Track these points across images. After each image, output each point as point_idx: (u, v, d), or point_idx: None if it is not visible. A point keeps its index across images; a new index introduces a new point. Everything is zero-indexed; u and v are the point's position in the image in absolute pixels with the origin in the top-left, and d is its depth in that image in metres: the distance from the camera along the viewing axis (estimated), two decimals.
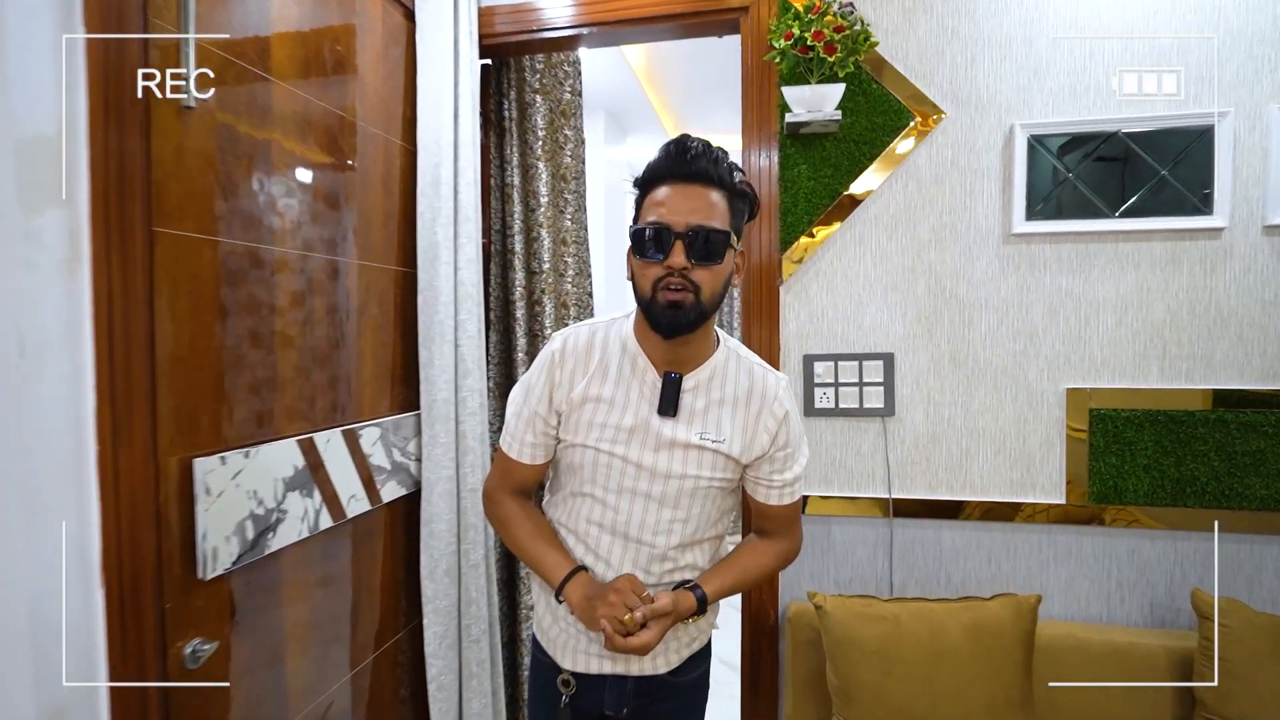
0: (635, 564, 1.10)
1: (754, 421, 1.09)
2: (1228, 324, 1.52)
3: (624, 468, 1.07)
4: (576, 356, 1.11)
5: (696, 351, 1.09)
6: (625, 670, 1.13)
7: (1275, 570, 1.52)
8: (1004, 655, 1.34)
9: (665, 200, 1.00)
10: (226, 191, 1.17)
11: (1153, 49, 1.52)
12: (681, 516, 1.09)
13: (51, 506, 0.89)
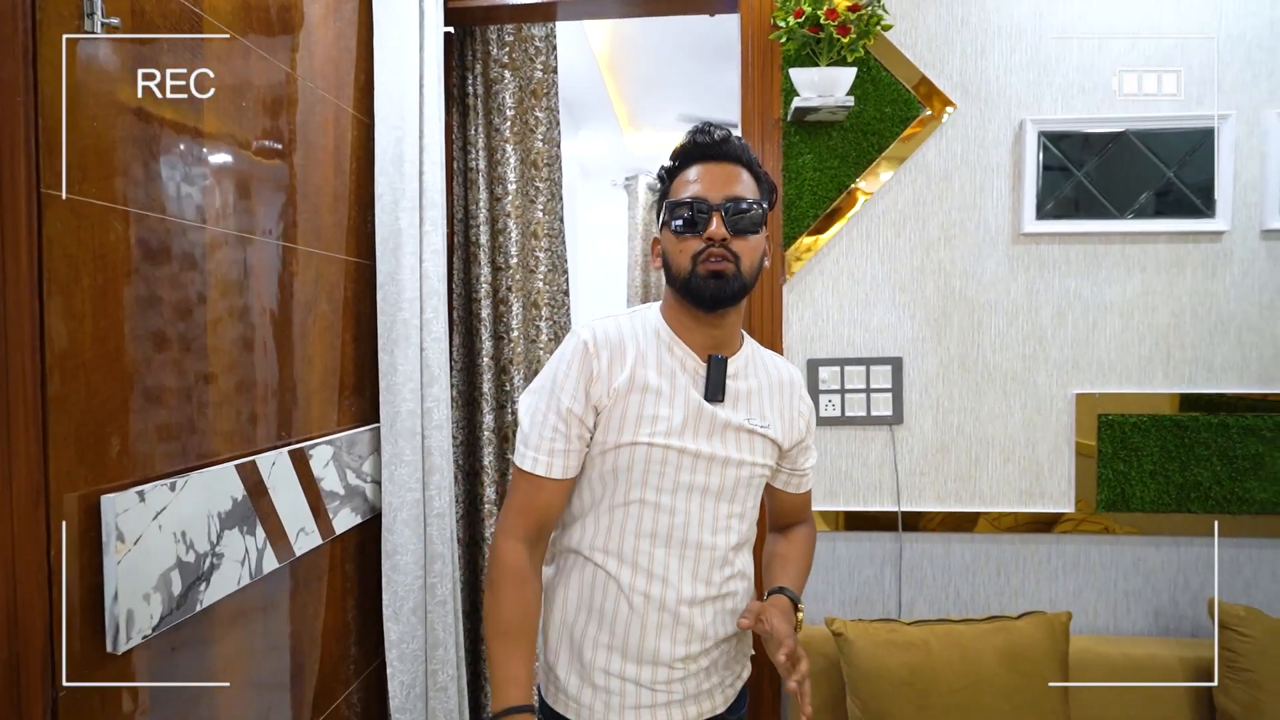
0: (696, 575, 0.96)
1: (790, 408, 1.05)
2: (1228, 328, 1.51)
3: (679, 460, 0.96)
4: (610, 347, 0.98)
5: (732, 335, 1.02)
6: (694, 714, 0.98)
7: (1272, 573, 1.53)
8: (1041, 681, 1.25)
9: (699, 178, 0.97)
10: (142, 150, 0.91)
11: (1157, 49, 1.50)
12: (738, 511, 1.00)
13: None
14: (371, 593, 1.53)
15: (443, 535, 1.54)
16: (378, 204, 1.48)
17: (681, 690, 0.97)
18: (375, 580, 1.54)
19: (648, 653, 0.95)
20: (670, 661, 0.95)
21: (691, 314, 0.98)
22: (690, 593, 0.95)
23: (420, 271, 1.50)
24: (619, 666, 0.95)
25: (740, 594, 1.01)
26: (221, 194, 1.06)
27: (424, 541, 1.52)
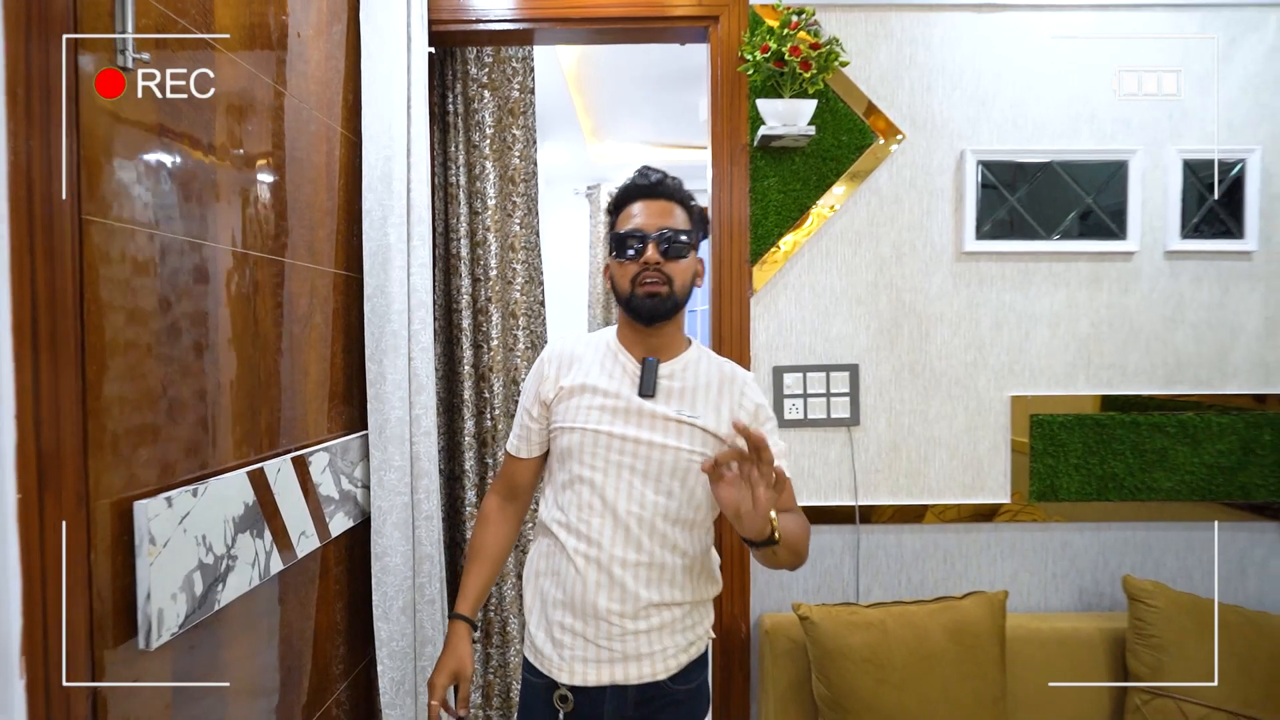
0: (626, 541, 1.13)
1: (727, 403, 1.20)
2: (1138, 337, 1.71)
3: (610, 442, 1.15)
4: (560, 359, 1.25)
5: (670, 343, 1.22)
6: (625, 679, 1.13)
7: (1175, 553, 1.73)
8: (983, 653, 1.41)
9: (639, 213, 1.18)
10: (169, 173, 0.96)
11: (1079, 91, 1.68)
12: (664, 490, 1.15)
13: None
14: (360, 594, 1.58)
15: (431, 537, 1.61)
16: (366, 219, 1.54)
17: (621, 649, 1.13)
18: (363, 582, 1.59)
19: (589, 607, 1.12)
20: (607, 616, 1.12)
21: (634, 327, 1.20)
22: (621, 555, 1.13)
23: (408, 285, 1.57)
24: (570, 622, 1.14)
25: (677, 567, 1.15)
26: (229, 213, 1.12)
27: (413, 543, 1.58)
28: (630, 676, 1.13)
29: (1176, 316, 1.71)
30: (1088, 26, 1.67)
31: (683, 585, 1.16)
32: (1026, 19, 1.68)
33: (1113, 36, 1.67)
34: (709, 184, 1.74)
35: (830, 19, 1.66)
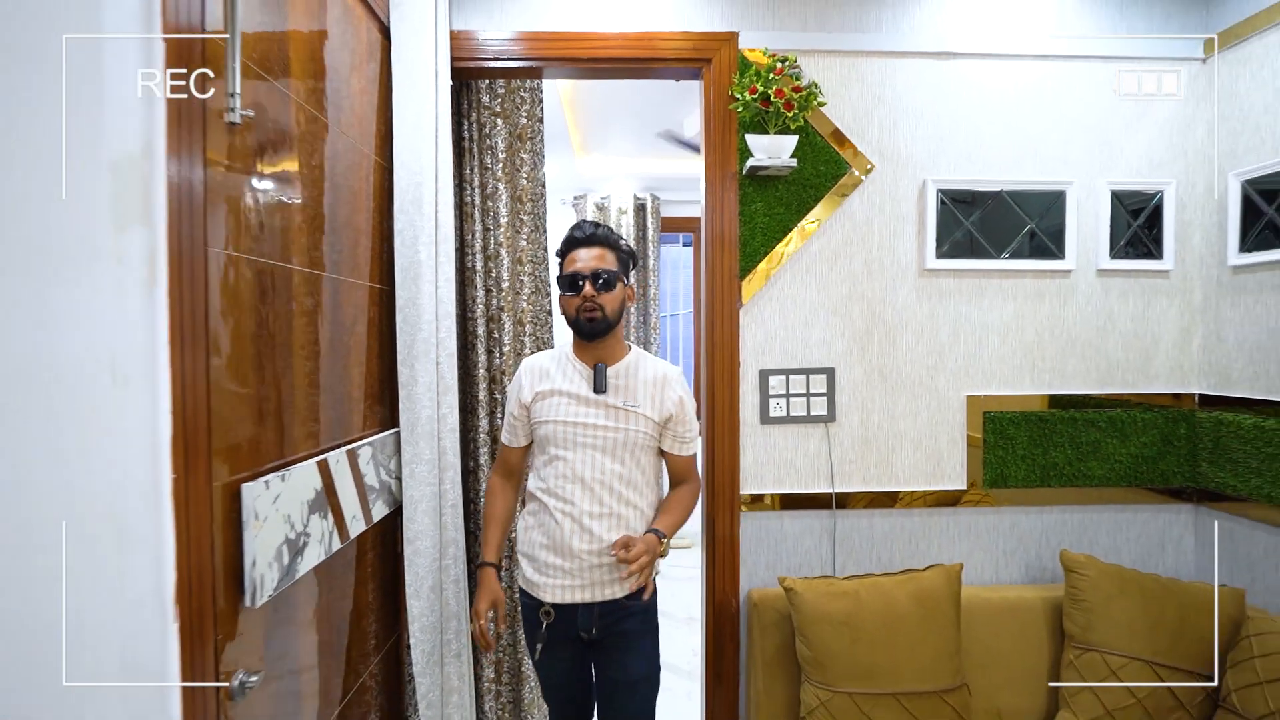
0: (592, 499, 1.50)
1: (660, 394, 1.57)
2: (1074, 344, 1.96)
3: (575, 429, 1.53)
4: (532, 371, 1.62)
5: (612, 352, 1.58)
6: (591, 599, 1.51)
7: (1106, 531, 1.99)
8: (942, 616, 1.63)
9: (578, 258, 1.55)
10: (258, 208, 1.14)
11: (1024, 129, 1.93)
12: (618, 459, 1.53)
13: (138, 539, 0.85)
14: (389, 576, 1.76)
15: (455, 523, 1.79)
16: (398, 238, 1.71)
17: (590, 579, 1.50)
18: (391, 565, 1.77)
19: (567, 548, 1.49)
20: (581, 554, 1.49)
21: (580, 343, 1.58)
22: (589, 509, 1.50)
23: (436, 297, 1.74)
24: (553, 560, 1.51)
25: (631, 517, 1.52)
26: (300, 236, 1.29)
27: (439, 529, 1.76)
28: (595, 597, 1.51)
29: (1107, 326, 1.97)
30: (1029, 75, 1.92)
31: (635, 529, 1.52)
32: (978, 66, 1.92)
33: (1049, 84, 1.92)
34: (702, 207, 1.95)
35: (809, 63, 1.89)
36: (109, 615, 0.82)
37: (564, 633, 1.53)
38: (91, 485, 0.81)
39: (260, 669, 1.11)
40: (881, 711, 1.56)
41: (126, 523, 0.84)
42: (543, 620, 1.52)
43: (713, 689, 1.94)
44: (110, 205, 0.82)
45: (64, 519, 0.79)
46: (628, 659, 1.54)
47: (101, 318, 0.81)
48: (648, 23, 1.90)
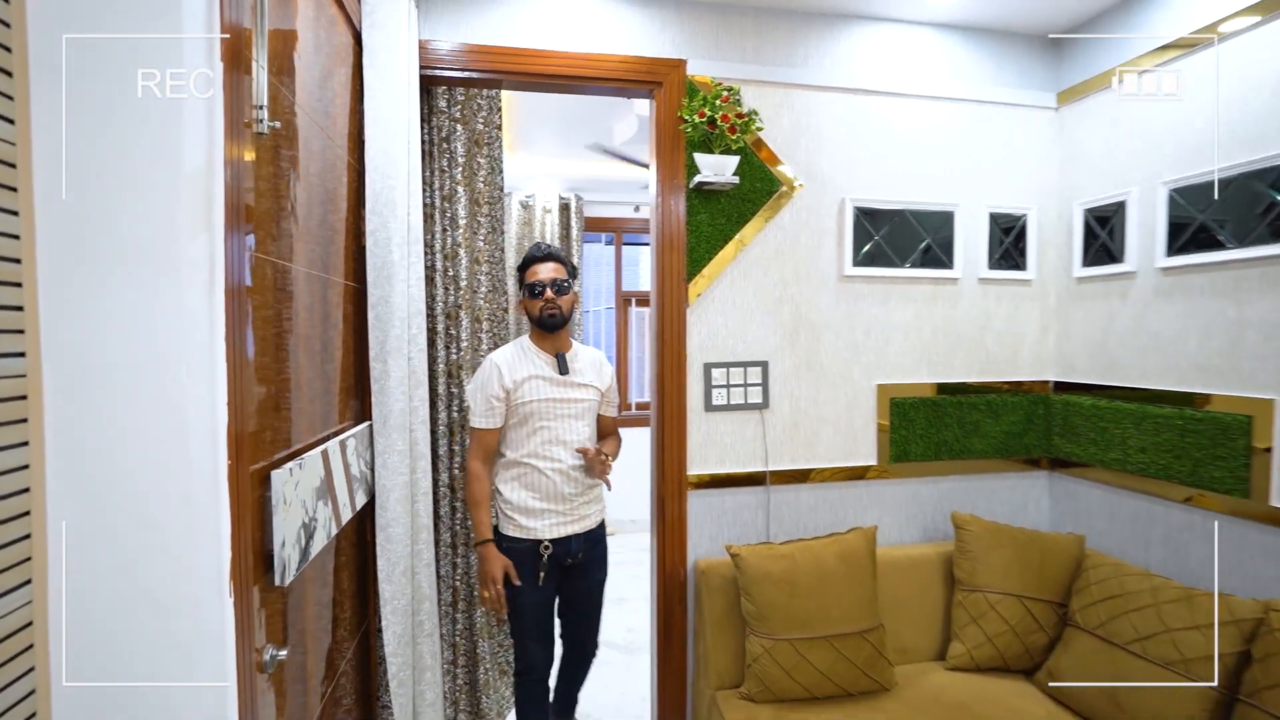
0: (571, 455, 1.93)
1: (600, 371, 2.04)
2: (961, 341, 2.33)
3: (552, 405, 1.94)
4: (503, 364, 1.94)
5: (564, 343, 2.00)
6: (578, 530, 1.95)
7: (985, 494, 2.38)
8: (862, 571, 1.93)
9: (538, 271, 1.96)
10: (277, 213, 1.21)
11: (920, 160, 2.27)
12: (585, 423, 1.99)
13: (204, 520, 0.93)
14: (360, 564, 1.83)
15: (427, 510, 1.88)
16: (370, 238, 1.78)
17: (573, 515, 1.94)
18: (363, 553, 1.84)
19: (558, 494, 1.92)
20: (571, 498, 1.93)
21: (541, 335, 1.97)
22: (572, 463, 1.93)
23: (408, 295, 1.83)
24: (548, 506, 1.91)
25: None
26: (300, 236, 1.36)
27: (411, 515, 1.85)
28: (581, 529, 1.96)
29: (986, 325, 2.35)
30: (927, 113, 2.26)
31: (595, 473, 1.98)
32: (886, 103, 2.23)
33: (942, 121, 2.28)
34: (652, 218, 2.14)
35: (748, 91, 2.12)
36: (184, 590, 0.91)
37: (557, 561, 1.94)
38: (168, 470, 0.89)
39: (285, 645, 1.19)
40: (815, 652, 1.83)
41: (195, 505, 0.92)
42: (543, 554, 1.90)
43: (664, 651, 2.15)
44: (188, 214, 0.89)
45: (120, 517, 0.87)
46: (594, 570, 2.04)
47: (177, 318, 0.89)
48: (604, 45, 2.06)
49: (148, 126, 0.87)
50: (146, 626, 0.88)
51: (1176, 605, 1.69)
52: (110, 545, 0.86)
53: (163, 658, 0.90)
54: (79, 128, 0.84)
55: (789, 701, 1.85)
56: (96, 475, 0.86)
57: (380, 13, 1.78)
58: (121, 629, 0.88)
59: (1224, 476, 1.83)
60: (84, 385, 0.85)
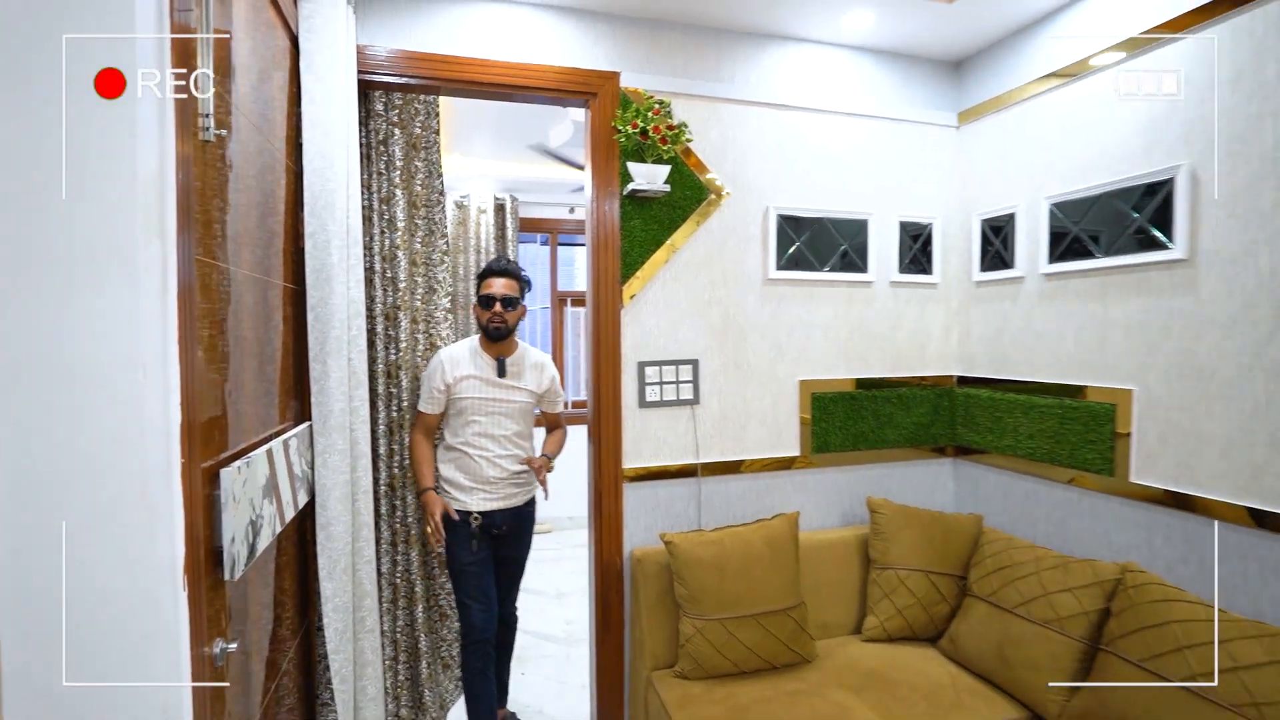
0: (499, 445, 2.19)
1: (540, 375, 2.28)
2: (875, 339, 2.53)
3: (486, 402, 2.18)
4: (450, 360, 2.17)
5: (508, 349, 2.23)
6: (504, 505, 2.20)
7: (897, 480, 2.59)
8: (786, 554, 2.08)
9: (491, 284, 2.18)
10: (221, 217, 1.24)
11: (839, 175, 2.45)
12: (514, 420, 2.23)
13: (160, 515, 0.97)
14: (304, 562, 1.84)
15: (367, 508, 1.91)
16: (309, 240, 1.80)
17: (498, 494, 2.19)
18: (306, 550, 1.85)
19: (485, 478, 2.17)
20: (494, 480, 2.18)
21: (487, 342, 2.19)
22: (498, 452, 2.18)
23: (348, 297, 1.85)
24: (476, 485, 2.17)
25: (520, 453, 2.22)
26: (242, 240, 1.38)
27: (353, 514, 1.87)
28: (506, 505, 2.21)
29: (897, 325, 2.56)
30: (844, 128, 2.45)
31: (523, 463, 2.22)
32: (806, 118, 2.40)
33: (858, 137, 2.47)
34: (588, 223, 2.23)
35: (679, 104, 2.25)
36: (140, 583, 0.94)
37: (486, 530, 2.19)
38: (125, 467, 0.92)
39: (234, 638, 1.22)
40: (744, 630, 1.97)
41: (151, 500, 0.95)
42: (473, 523, 2.16)
43: (602, 637, 2.25)
44: (142, 219, 0.93)
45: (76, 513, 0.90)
46: (520, 542, 2.34)
47: (133, 320, 0.92)
48: (541, 55, 2.14)
49: (104, 134, 0.90)
50: (103, 617, 0.91)
51: (1054, 571, 1.92)
52: (70, 539, 0.89)
53: (118, 648, 0.93)
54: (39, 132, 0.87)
55: (719, 677, 1.98)
56: (55, 471, 0.89)
57: (318, 18, 1.80)
58: (81, 621, 0.90)
59: (1094, 458, 2.08)
60: (41, 383, 0.87)
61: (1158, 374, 1.91)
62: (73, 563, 0.89)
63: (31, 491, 0.88)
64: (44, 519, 0.89)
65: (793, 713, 1.80)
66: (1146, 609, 1.65)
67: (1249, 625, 1.49)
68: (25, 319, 0.87)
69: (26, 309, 0.87)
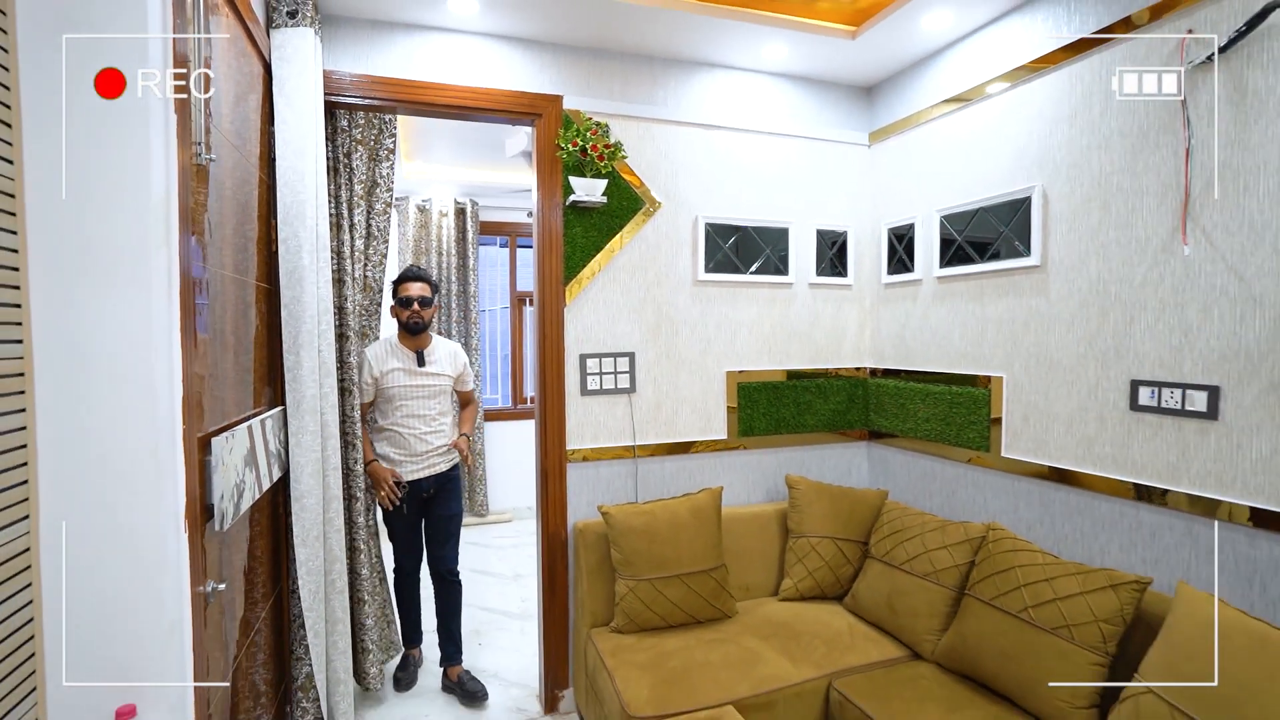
0: (424, 423, 2.63)
1: (454, 360, 2.74)
2: (795, 335, 2.84)
3: (411, 389, 2.60)
4: (375, 358, 2.58)
5: (424, 341, 2.66)
6: (430, 472, 2.63)
7: (816, 461, 2.90)
8: (709, 522, 2.37)
9: (408, 288, 2.62)
10: (210, 225, 1.47)
11: (760, 187, 2.75)
12: (435, 400, 2.66)
13: (167, 472, 1.20)
14: (272, 534, 2.07)
15: (336, 483, 2.14)
16: (282, 246, 2.03)
17: (424, 464, 2.62)
18: (279, 521, 2.07)
19: (413, 451, 2.60)
20: (421, 453, 2.61)
21: (406, 336, 2.62)
22: (424, 429, 2.62)
23: (318, 296, 2.08)
24: (405, 457, 2.60)
25: (445, 430, 2.68)
26: (225, 246, 1.61)
27: (323, 488, 2.10)
28: (431, 471, 2.64)
29: (815, 322, 2.87)
30: (767, 146, 2.75)
31: (447, 435, 2.68)
32: (732, 136, 2.70)
33: (779, 154, 2.77)
34: (535, 230, 2.49)
35: (616, 124, 2.52)
36: (152, 524, 1.17)
37: (414, 495, 2.62)
38: (141, 431, 1.16)
39: (222, 581, 1.45)
40: (671, 588, 2.25)
41: (160, 459, 1.19)
42: (401, 490, 2.57)
43: (549, 601, 2.51)
44: (153, 230, 1.16)
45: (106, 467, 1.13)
46: (449, 501, 2.71)
47: (146, 313, 1.16)
48: (491, 80, 2.39)
49: (124, 161, 1.14)
50: (127, 549, 1.14)
51: (935, 533, 2.24)
52: (94, 489, 1.12)
53: (133, 578, 1.16)
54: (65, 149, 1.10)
55: (650, 630, 2.26)
56: (83, 435, 1.12)
57: (289, 47, 2.03)
58: (104, 555, 1.13)
59: (975, 437, 2.42)
60: (76, 363, 1.10)
61: (1021, 363, 2.25)
62: (104, 506, 1.12)
63: (70, 451, 1.11)
64: (81, 471, 1.12)
65: (708, 656, 2.09)
66: (999, 558, 1.98)
67: (1071, 566, 1.83)
68: (64, 313, 1.10)
69: (66, 305, 1.10)
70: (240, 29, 1.79)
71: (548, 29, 2.37)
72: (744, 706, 1.90)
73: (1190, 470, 1.75)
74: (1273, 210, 1.57)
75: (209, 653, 1.43)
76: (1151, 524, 1.85)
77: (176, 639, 1.22)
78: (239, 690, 1.66)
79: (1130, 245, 1.89)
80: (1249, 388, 1.62)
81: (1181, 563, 1.78)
